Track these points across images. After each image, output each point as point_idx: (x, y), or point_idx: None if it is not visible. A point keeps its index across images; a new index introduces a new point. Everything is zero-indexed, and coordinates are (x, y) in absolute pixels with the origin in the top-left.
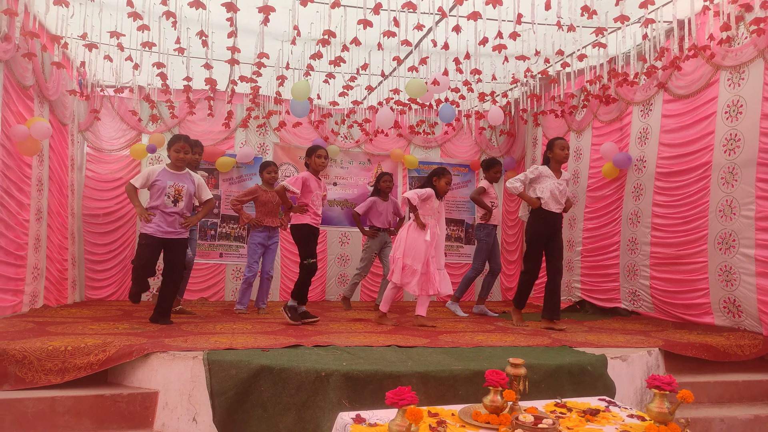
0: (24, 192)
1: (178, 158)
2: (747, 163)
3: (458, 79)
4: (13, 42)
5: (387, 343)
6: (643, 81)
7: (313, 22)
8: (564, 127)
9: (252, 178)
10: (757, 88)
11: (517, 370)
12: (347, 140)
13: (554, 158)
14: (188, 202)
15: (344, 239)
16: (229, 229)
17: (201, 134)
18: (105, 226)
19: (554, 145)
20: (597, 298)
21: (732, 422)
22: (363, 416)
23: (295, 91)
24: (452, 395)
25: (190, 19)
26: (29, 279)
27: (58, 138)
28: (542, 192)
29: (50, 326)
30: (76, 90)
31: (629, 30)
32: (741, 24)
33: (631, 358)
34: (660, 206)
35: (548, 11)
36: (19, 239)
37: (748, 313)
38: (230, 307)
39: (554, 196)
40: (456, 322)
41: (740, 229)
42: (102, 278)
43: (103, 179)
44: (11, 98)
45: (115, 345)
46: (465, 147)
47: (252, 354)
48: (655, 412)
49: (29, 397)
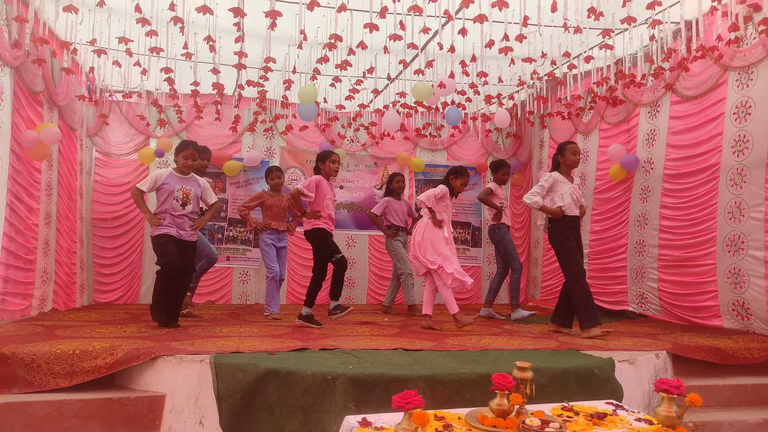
0: (33, 197)
1: (186, 165)
2: (756, 164)
3: (464, 81)
4: (23, 48)
5: (393, 347)
6: (651, 82)
7: (319, 26)
8: (571, 129)
9: (259, 182)
10: (766, 89)
11: (524, 373)
12: (354, 143)
13: (565, 163)
14: (195, 205)
15: (351, 242)
16: (236, 233)
17: (208, 138)
18: (113, 230)
19: (566, 149)
20: (604, 301)
21: (741, 426)
22: (369, 420)
23: (302, 94)
24: (459, 399)
25: (197, 24)
26: (38, 283)
27: (67, 143)
28: (562, 198)
29: (59, 330)
30: (85, 95)
31: (636, 31)
32: (749, 24)
33: (639, 362)
34: (668, 208)
35: (554, 13)
36: (29, 243)
37: (757, 315)
38: (237, 311)
39: (574, 200)
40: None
41: (749, 231)
42: (110, 282)
43: (112, 183)
44: (21, 104)
45: (123, 348)
46: (471, 149)
47: (259, 357)
48: (662, 415)
49: (38, 401)
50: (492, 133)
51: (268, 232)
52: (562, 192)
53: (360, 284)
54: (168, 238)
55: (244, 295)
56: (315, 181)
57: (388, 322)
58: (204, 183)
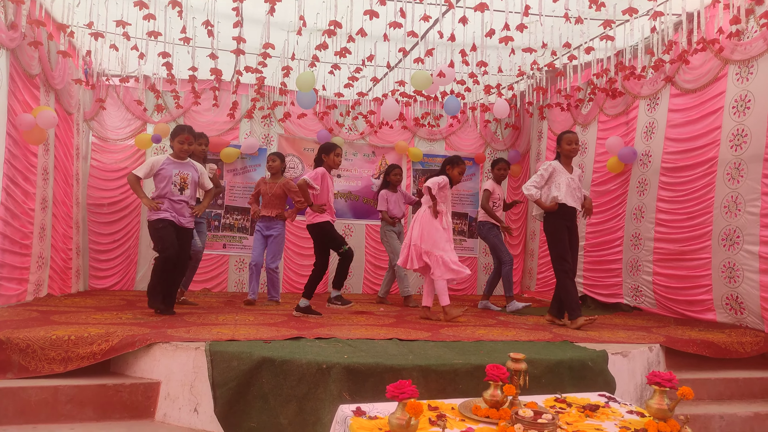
0: (29, 181)
1: (182, 149)
2: (753, 158)
3: (464, 71)
4: (20, 30)
5: (388, 337)
6: (651, 75)
7: (318, 12)
8: (570, 121)
9: (256, 169)
10: (766, 83)
11: (518, 364)
12: (352, 132)
13: (562, 152)
14: (193, 191)
15: (348, 231)
16: (232, 220)
17: (206, 125)
18: (109, 216)
19: (562, 139)
20: (599, 293)
21: (732, 419)
22: (363, 409)
23: (300, 81)
24: (453, 389)
25: (196, 8)
26: (34, 268)
27: (63, 127)
28: (558, 188)
29: (54, 315)
30: (81, 79)
31: (637, 23)
32: (751, 17)
33: (632, 354)
34: (664, 201)
35: (556, 3)
36: (24, 228)
37: (750, 310)
38: (233, 299)
39: (570, 190)
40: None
41: (745, 225)
42: (106, 268)
43: (108, 169)
44: (17, 87)
45: (118, 335)
46: (470, 140)
47: (254, 345)
48: (654, 408)
49: (32, 386)
50: (491, 124)
51: (260, 219)
52: (559, 182)
53: (356, 273)
54: (166, 223)
55: (240, 283)
56: (320, 174)
57: (384, 312)
58: (201, 168)
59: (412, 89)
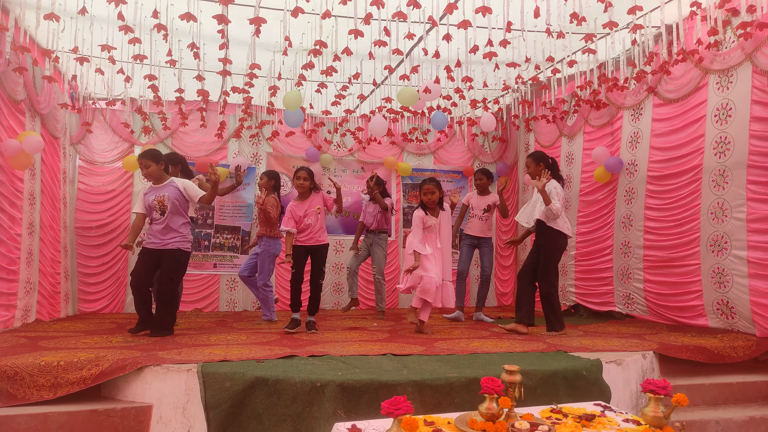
0: (16, 206)
1: (144, 174)
2: (737, 165)
3: (450, 86)
4: (4, 56)
5: (382, 352)
6: (633, 86)
7: (304, 32)
8: (555, 133)
9: (245, 188)
10: (745, 91)
11: (513, 376)
12: (340, 149)
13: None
14: (174, 208)
15: (338, 247)
16: (223, 240)
17: (194, 145)
18: (97, 239)
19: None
20: (591, 302)
21: (727, 424)
22: (359, 426)
23: (287, 100)
24: (448, 403)
25: (181, 31)
26: (21, 293)
27: (50, 151)
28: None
29: (43, 341)
30: (67, 103)
31: (618, 36)
32: (728, 28)
33: (626, 362)
34: (652, 209)
35: (537, 19)
36: (11, 253)
37: (741, 314)
38: (225, 318)
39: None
40: (451, 329)
41: (732, 231)
42: (95, 291)
43: (96, 192)
44: (2, 112)
45: (108, 359)
46: (458, 153)
47: (246, 365)
48: (650, 416)
49: (21, 414)
50: (478, 137)
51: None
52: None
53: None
54: (141, 251)
55: (231, 302)
56: (289, 211)
57: (377, 328)
58: (183, 183)
59: (399, 105)
